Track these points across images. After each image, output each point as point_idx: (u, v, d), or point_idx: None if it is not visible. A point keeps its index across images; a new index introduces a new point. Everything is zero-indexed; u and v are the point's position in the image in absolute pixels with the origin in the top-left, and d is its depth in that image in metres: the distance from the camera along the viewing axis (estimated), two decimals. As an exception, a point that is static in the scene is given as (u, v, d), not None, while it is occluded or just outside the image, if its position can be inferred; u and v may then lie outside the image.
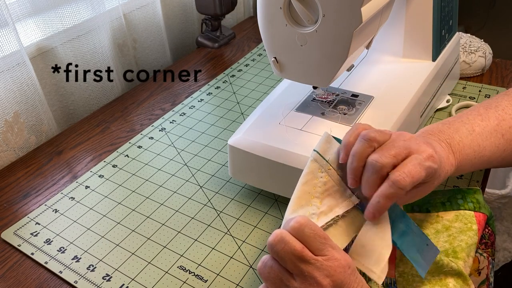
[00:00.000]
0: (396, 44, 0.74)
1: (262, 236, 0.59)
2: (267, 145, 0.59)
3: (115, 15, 0.92)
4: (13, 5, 0.75)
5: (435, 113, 0.77)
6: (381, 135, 0.42)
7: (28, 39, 0.79)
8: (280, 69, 0.59)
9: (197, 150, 0.75)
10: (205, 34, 1.09)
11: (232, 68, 0.98)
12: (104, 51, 0.89)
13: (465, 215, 0.47)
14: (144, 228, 0.61)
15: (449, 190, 0.49)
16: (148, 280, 0.54)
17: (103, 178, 0.70)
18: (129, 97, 0.91)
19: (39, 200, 0.67)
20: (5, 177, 0.72)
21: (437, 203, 0.49)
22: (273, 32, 0.55)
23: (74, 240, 0.60)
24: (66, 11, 0.81)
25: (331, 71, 0.55)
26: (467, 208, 0.47)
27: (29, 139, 0.80)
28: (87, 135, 0.81)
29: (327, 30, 0.51)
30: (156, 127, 0.81)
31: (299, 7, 0.50)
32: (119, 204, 0.65)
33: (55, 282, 0.55)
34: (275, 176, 0.59)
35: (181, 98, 0.89)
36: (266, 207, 0.63)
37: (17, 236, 0.61)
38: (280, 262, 0.38)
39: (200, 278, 0.54)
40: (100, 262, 0.56)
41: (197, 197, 0.65)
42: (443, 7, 0.72)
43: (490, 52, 0.86)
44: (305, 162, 0.57)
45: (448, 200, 0.48)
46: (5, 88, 0.74)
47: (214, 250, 0.57)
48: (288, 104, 0.66)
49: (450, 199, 0.48)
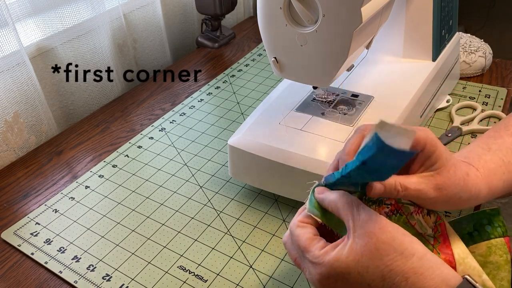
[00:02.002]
0: (396, 44, 0.74)
1: (262, 236, 0.59)
2: (267, 145, 0.59)
3: (115, 15, 0.92)
4: (13, 5, 0.75)
5: (435, 113, 0.77)
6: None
7: (28, 39, 0.79)
8: (280, 69, 0.59)
9: (197, 150, 0.75)
10: (205, 34, 1.09)
11: (232, 68, 0.98)
12: (104, 51, 0.89)
13: (497, 245, 0.43)
14: (144, 228, 0.61)
15: (471, 215, 0.45)
16: (148, 280, 0.54)
17: (103, 178, 0.70)
18: (129, 97, 0.91)
19: (39, 200, 0.67)
20: (5, 177, 0.72)
21: (464, 235, 0.44)
22: (273, 32, 0.55)
23: (74, 240, 0.60)
24: (66, 11, 0.81)
25: (331, 71, 0.55)
26: (497, 235, 0.43)
27: (29, 139, 0.80)
28: (87, 135, 0.81)
29: (327, 30, 0.51)
30: (156, 127, 0.81)
31: (299, 7, 0.50)
32: (119, 204, 0.65)
33: (55, 282, 0.55)
34: (275, 176, 0.59)
35: (181, 98, 0.89)
36: (266, 207, 0.63)
37: (17, 236, 0.61)
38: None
39: (200, 278, 0.54)
40: (100, 262, 0.56)
41: (197, 197, 0.65)
42: (443, 7, 0.72)
43: (490, 52, 0.86)
44: (305, 162, 0.58)
45: (476, 229, 0.44)
46: (5, 88, 0.74)
47: (214, 250, 0.57)
48: (288, 104, 0.66)
49: (477, 227, 0.44)
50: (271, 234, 0.59)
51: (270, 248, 0.57)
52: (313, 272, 0.38)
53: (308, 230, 0.40)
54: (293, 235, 0.41)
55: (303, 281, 0.53)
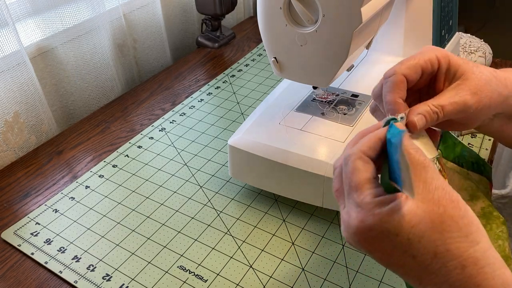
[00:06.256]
0: (396, 44, 0.74)
1: (262, 236, 0.59)
2: (267, 145, 0.59)
3: (115, 15, 0.92)
4: (13, 5, 0.75)
5: (435, 113, 0.77)
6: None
7: (28, 39, 0.79)
8: (280, 69, 0.59)
9: (197, 150, 0.75)
10: (205, 34, 1.09)
11: (232, 68, 0.98)
12: (104, 51, 0.89)
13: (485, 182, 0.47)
14: (144, 228, 0.61)
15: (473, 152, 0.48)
16: (148, 280, 0.54)
17: (103, 178, 0.70)
18: (129, 97, 0.91)
19: (39, 200, 0.67)
20: (5, 177, 0.72)
21: (468, 161, 0.47)
22: (273, 32, 0.55)
23: (74, 240, 0.60)
24: (66, 11, 0.81)
25: (331, 71, 0.55)
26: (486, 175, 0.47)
27: (29, 139, 0.80)
28: (87, 135, 0.81)
29: (327, 30, 0.51)
30: (156, 127, 0.81)
31: (299, 7, 0.50)
32: (119, 204, 0.65)
33: (55, 282, 0.55)
34: (275, 176, 0.59)
35: (181, 98, 0.89)
36: (266, 207, 0.63)
37: (17, 236, 0.61)
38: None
39: (200, 278, 0.54)
40: (100, 262, 0.56)
41: (197, 197, 0.65)
42: (443, 7, 0.72)
43: (490, 52, 0.86)
44: (305, 162, 0.58)
45: (476, 162, 0.47)
46: (5, 88, 0.74)
47: (214, 250, 0.57)
48: (288, 104, 0.66)
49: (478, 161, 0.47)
50: (271, 234, 0.59)
51: (270, 248, 0.57)
52: (355, 217, 0.32)
53: (370, 167, 0.33)
54: (350, 166, 0.33)
55: (303, 281, 0.53)
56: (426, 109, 0.37)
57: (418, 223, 0.30)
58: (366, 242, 0.32)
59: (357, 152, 0.34)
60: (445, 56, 0.39)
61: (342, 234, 0.34)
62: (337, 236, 0.58)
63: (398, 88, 0.38)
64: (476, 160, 0.48)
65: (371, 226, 0.31)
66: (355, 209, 0.32)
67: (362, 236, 0.32)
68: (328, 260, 0.55)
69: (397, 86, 0.38)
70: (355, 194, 0.33)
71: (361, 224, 0.32)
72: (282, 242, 0.58)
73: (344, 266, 0.54)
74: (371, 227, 0.31)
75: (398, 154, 0.31)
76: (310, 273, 0.54)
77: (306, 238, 0.58)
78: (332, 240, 0.58)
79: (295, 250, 0.57)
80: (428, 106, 0.37)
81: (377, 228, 0.31)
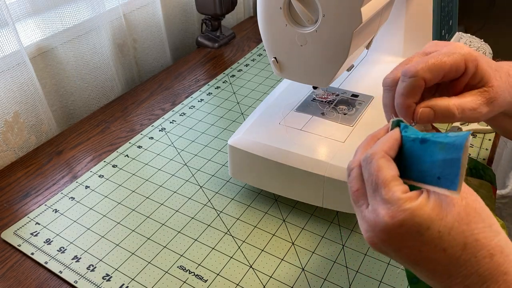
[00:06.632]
0: (396, 44, 0.74)
1: (262, 236, 0.59)
2: (267, 145, 0.59)
3: (115, 15, 0.92)
4: (13, 5, 0.75)
5: (435, 113, 0.77)
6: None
7: (28, 39, 0.79)
8: (280, 69, 0.59)
9: (197, 150, 0.75)
10: (205, 34, 1.09)
11: (232, 68, 0.98)
12: (104, 51, 0.89)
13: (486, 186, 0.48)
14: (144, 228, 0.61)
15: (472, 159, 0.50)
16: (148, 280, 0.54)
17: (103, 178, 0.70)
18: (129, 97, 0.91)
19: (39, 200, 0.67)
20: (5, 177, 0.72)
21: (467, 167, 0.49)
22: (273, 32, 0.55)
23: (74, 240, 0.60)
24: (66, 11, 0.81)
25: (331, 71, 0.55)
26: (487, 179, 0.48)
27: (29, 139, 0.80)
28: (87, 135, 0.81)
29: (327, 30, 0.51)
30: (156, 127, 0.81)
31: (299, 7, 0.50)
32: (119, 204, 0.65)
33: (55, 282, 0.55)
34: (275, 176, 0.59)
35: (181, 98, 0.89)
36: (266, 207, 0.63)
37: (17, 236, 0.61)
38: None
39: (200, 278, 0.54)
40: (100, 262, 0.56)
41: (197, 197, 0.65)
42: (443, 7, 0.72)
43: (490, 52, 0.86)
44: (305, 162, 0.58)
45: (474, 168, 0.48)
46: (5, 88, 0.74)
47: (214, 250, 0.57)
48: (288, 104, 0.66)
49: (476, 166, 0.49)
50: (271, 234, 0.59)
51: (270, 248, 0.57)
52: (384, 214, 0.32)
53: (393, 165, 0.33)
54: (375, 164, 0.33)
55: (303, 281, 0.53)
56: (445, 104, 0.37)
57: (445, 215, 0.31)
58: (395, 239, 0.32)
59: (379, 151, 0.34)
60: (473, 60, 0.38)
61: (365, 236, 0.34)
62: (337, 236, 0.58)
63: (415, 93, 0.39)
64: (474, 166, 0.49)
65: (402, 222, 0.31)
66: (383, 206, 0.32)
67: (391, 234, 0.32)
68: (328, 260, 0.55)
69: (415, 91, 0.38)
70: (383, 191, 0.32)
71: (392, 220, 0.31)
72: (282, 242, 0.58)
73: (344, 266, 0.54)
74: (401, 222, 0.31)
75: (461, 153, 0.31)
76: (310, 273, 0.54)
77: (306, 238, 0.58)
78: (332, 240, 0.58)
79: (295, 250, 0.57)
80: (448, 103, 0.38)
81: (408, 222, 0.31)
